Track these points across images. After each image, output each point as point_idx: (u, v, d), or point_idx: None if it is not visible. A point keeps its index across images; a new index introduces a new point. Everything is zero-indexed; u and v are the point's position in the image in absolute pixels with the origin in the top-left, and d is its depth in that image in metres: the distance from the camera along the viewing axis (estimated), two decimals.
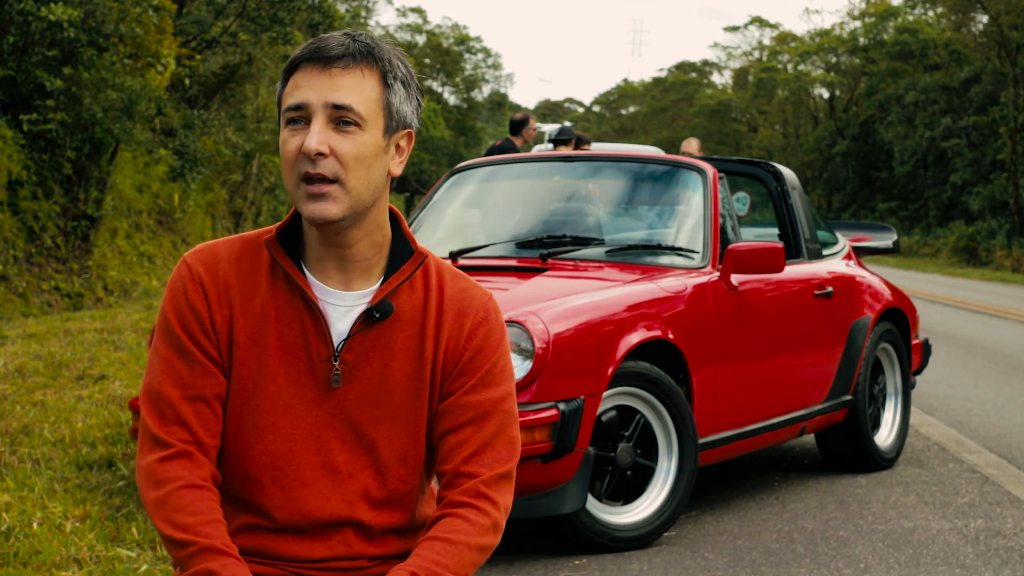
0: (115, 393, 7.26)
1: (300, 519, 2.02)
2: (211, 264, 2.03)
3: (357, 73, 1.96)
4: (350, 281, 2.03)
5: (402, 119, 2.01)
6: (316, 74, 1.95)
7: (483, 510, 1.99)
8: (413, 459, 2.05)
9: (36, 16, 12.14)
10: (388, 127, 1.99)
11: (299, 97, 1.95)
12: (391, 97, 1.99)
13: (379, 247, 2.04)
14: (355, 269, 2.03)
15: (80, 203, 13.66)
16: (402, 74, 2.01)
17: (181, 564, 1.94)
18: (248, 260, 2.04)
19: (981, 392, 9.19)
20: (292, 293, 2.02)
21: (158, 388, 2.00)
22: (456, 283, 2.08)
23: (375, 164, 1.97)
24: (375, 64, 1.98)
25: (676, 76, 75.11)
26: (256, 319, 2.01)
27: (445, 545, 1.95)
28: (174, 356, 2.00)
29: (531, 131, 11.29)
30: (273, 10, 18.85)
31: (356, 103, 1.94)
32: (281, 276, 2.03)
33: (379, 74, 1.98)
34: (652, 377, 4.83)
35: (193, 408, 1.99)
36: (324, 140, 1.93)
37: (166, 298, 2.03)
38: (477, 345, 2.05)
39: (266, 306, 2.02)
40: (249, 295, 2.02)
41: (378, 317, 2.01)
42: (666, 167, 5.98)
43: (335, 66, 1.95)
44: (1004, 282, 26.52)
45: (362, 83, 1.96)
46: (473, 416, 2.03)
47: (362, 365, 2.02)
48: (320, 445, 2.02)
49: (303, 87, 1.96)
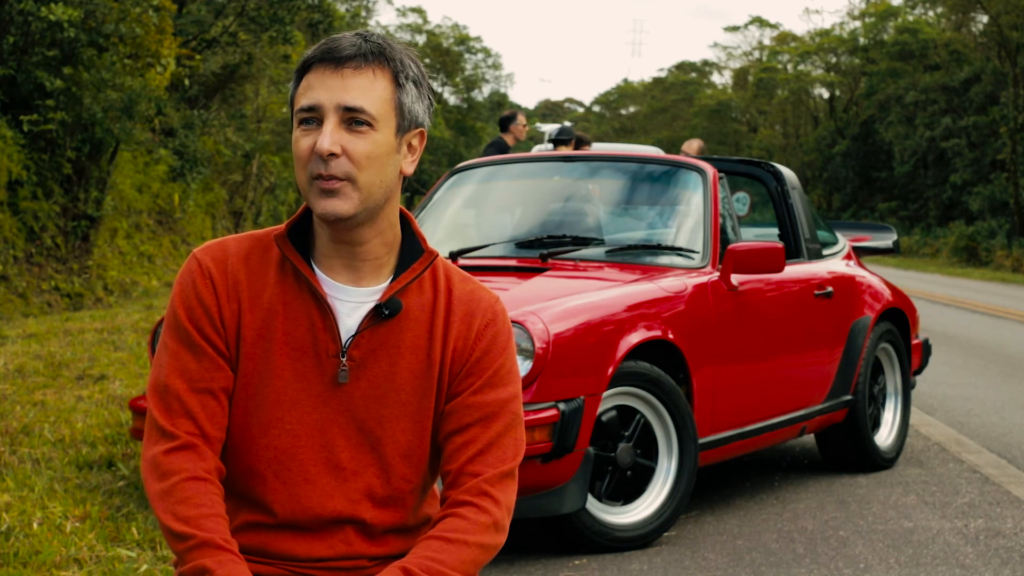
0: (115, 393, 7.26)
1: (302, 515, 2.02)
2: (221, 259, 2.04)
3: (369, 74, 1.97)
4: (360, 278, 2.04)
5: (414, 118, 2.02)
6: (328, 75, 1.96)
7: (484, 508, 1.99)
8: (417, 458, 2.06)
9: (36, 16, 12.14)
10: (400, 126, 2.00)
11: (311, 98, 1.96)
12: (403, 97, 1.99)
13: (390, 245, 2.05)
14: (365, 267, 2.03)
15: (80, 203, 13.66)
16: (414, 74, 2.02)
17: (179, 557, 1.94)
18: (258, 256, 2.05)
19: (981, 392, 9.19)
20: (301, 289, 2.03)
21: (165, 381, 2.00)
22: (464, 285, 2.09)
23: (387, 163, 1.98)
24: (387, 64, 1.98)
25: (676, 76, 75.12)
26: (264, 314, 2.02)
27: (442, 543, 1.96)
28: (182, 349, 2.01)
29: (520, 127, 11.17)
30: (273, 10, 18.85)
31: (368, 104, 1.95)
32: (290, 272, 2.03)
33: (391, 74, 1.99)
34: (652, 377, 4.83)
35: (200, 401, 1.99)
36: (336, 141, 1.93)
37: (175, 292, 2.04)
38: (485, 346, 2.05)
39: (274, 301, 2.02)
40: (258, 291, 2.03)
41: (387, 314, 2.02)
42: (666, 167, 5.98)
43: (347, 67, 1.96)
44: (1004, 282, 26.52)
45: (374, 84, 1.96)
46: (480, 416, 2.03)
47: (369, 362, 2.02)
48: (325, 441, 2.02)
49: (315, 88, 1.96)
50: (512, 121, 11.14)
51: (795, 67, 57.55)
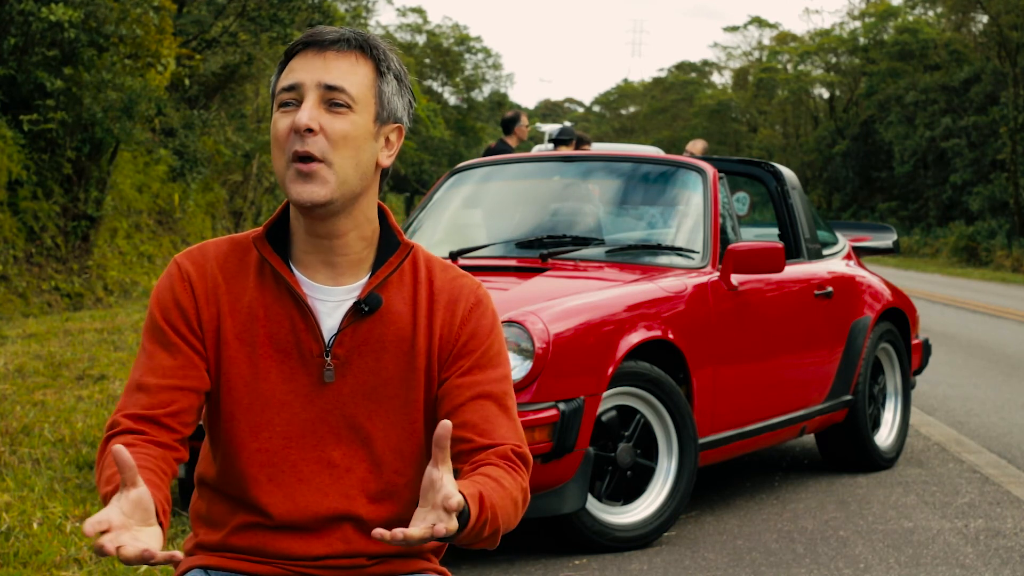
0: (115, 393, 7.26)
1: (298, 515, 2.02)
2: (200, 263, 2.04)
3: (351, 58, 1.99)
4: (338, 276, 2.04)
5: (393, 111, 2.03)
6: (311, 57, 1.98)
7: (517, 471, 1.98)
8: (409, 451, 2.06)
9: (37, 17, 12.14)
10: (379, 115, 2.01)
11: (292, 78, 1.98)
12: (383, 86, 2.01)
13: (368, 240, 2.05)
14: (343, 263, 2.03)
15: (80, 203, 13.66)
16: (395, 68, 2.04)
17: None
18: (236, 259, 2.05)
19: (981, 392, 9.19)
20: (280, 290, 2.03)
21: (138, 380, 1.99)
22: (445, 273, 2.09)
23: (364, 147, 1.99)
24: (369, 53, 2.01)
25: (676, 76, 75.10)
26: (244, 318, 2.02)
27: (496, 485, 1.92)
28: (157, 349, 2.00)
29: (523, 128, 11.17)
30: (273, 10, 18.85)
31: (349, 85, 1.97)
32: (269, 274, 2.04)
33: (373, 63, 2.01)
34: (652, 377, 4.83)
35: (170, 396, 1.97)
36: (315, 117, 1.94)
37: (153, 296, 2.04)
38: (471, 330, 2.06)
39: (254, 305, 2.02)
40: (237, 294, 2.03)
41: (367, 310, 2.02)
42: (666, 167, 5.98)
43: (330, 50, 1.98)
44: (1004, 282, 26.52)
45: (356, 67, 1.99)
46: (471, 395, 2.03)
47: (354, 360, 2.03)
48: (316, 440, 2.02)
49: (297, 70, 1.98)
50: (516, 123, 11.13)
51: (795, 67, 57.54)
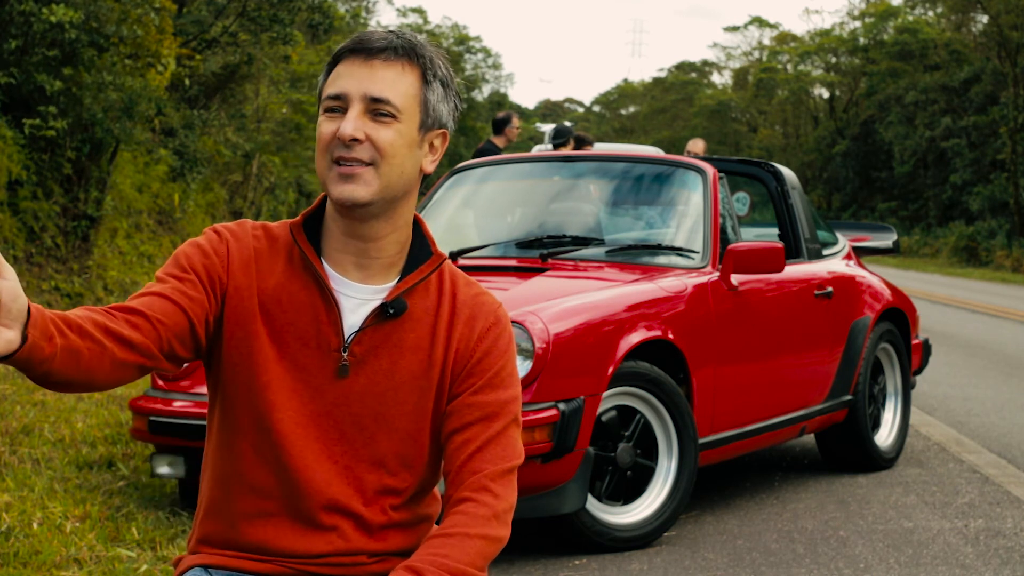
0: (115, 393, 7.27)
1: (298, 500, 2.02)
2: (238, 234, 2.06)
3: (398, 67, 1.99)
4: (367, 276, 2.05)
5: (438, 118, 2.04)
6: (358, 65, 1.99)
7: (482, 502, 2.00)
8: (413, 457, 2.07)
9: (38, 17, 12.14)
10: (423, 123, 2.02)
11: (339, 87, 1.98)
12: (429, 94, 2.02)
13: (402, 245, 2.06)
14: (374, 265, 2.05)
15: (80, 203, 13.66)
16: (442, 74, 2.05)
17: None
18: (269, 242, 2.06)
19: (981, 392, 9.19)
20: (308, 279, 2.04)
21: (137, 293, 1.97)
22: (468, 289, 2.11)
23: (408, 155, 2.00)
24: (416, 60, 2.01)
25: (676, 76, 75.09)
26: (267, 299, 2.03)
27: (444, 539, 1.96)
28: (168, 276, 1.98)
29: (514, 129, 11.05)
30: (273, 10, 18.84)
31: (393, 96, 1.97)
32: (299, 262, 2.05)
33: (419, 71, 2.01)
34: (652, 377, 4.83)
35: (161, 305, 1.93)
36: (359, 127, 1.95)
37: (178, 249, 2.05)
38: (486, 348, 2.07)
39: (279, 290, 2.03)
40: (265, 275, 2.04)
41: (392, 313, 2.03)
42: (666, 167, 5.98)
43: (377, 58, 1.98)
44: (1004, 282, 26.52)
45: (401, 77, 1.99)
46: (480, 416, 2.04)
47: (370, 359, 2.03)
48: (320, 433, 2.03)
49: (343, 77, 1.99)
50: (507, 124, 11.03)
51: (795, 67, 57.55)
